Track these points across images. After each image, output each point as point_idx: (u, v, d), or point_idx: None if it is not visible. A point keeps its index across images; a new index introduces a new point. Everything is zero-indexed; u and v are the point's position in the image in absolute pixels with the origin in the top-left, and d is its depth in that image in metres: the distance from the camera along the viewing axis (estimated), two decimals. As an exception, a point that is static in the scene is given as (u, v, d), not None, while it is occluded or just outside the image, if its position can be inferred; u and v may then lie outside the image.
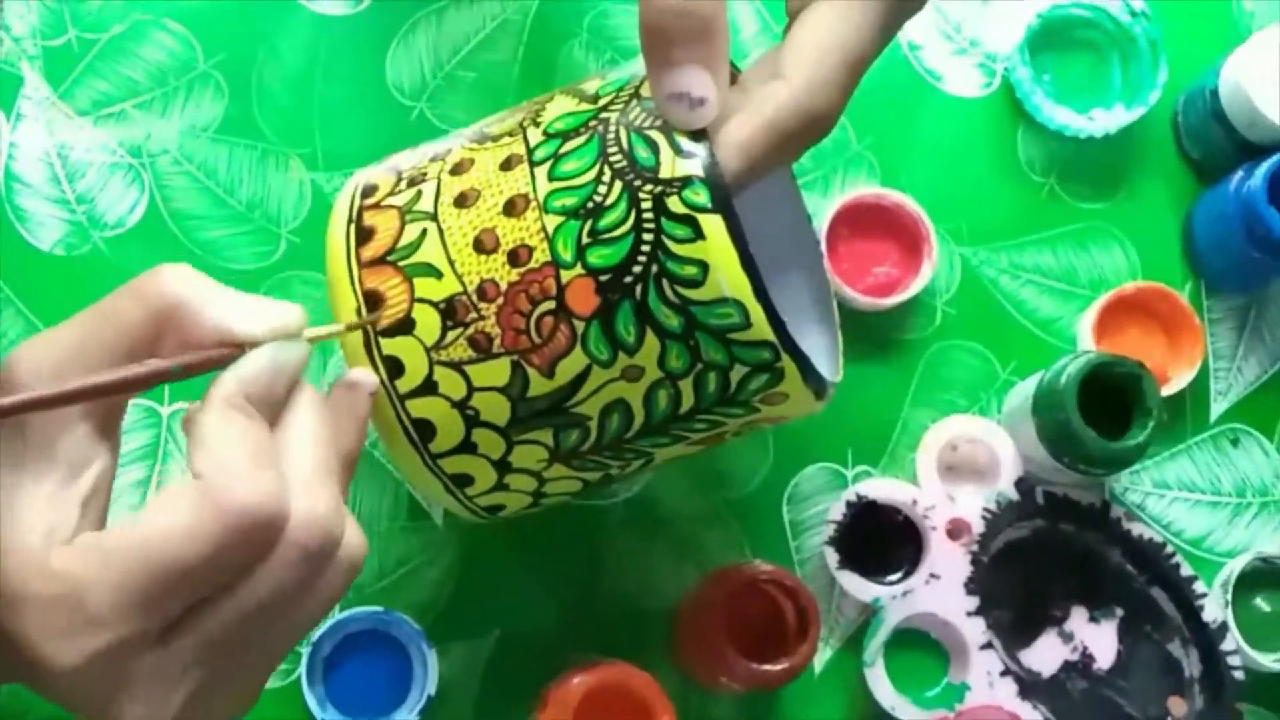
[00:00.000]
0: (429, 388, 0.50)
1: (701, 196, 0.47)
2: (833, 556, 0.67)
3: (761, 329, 0.48)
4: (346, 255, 0.52)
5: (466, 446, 0.51)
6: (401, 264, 0.51)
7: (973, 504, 0.68)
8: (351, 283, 0.52)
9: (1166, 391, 0.69)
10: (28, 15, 0.70)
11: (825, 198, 0.71)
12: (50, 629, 0.41)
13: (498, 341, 0.50)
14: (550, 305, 0.49)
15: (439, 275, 0.50)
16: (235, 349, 0.45)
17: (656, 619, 0.67)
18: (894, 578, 0.68)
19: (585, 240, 0.48)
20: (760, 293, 0.48)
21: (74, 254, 0.68)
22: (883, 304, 0.69)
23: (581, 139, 0.50)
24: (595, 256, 0.48)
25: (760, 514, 0.69)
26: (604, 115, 0.51)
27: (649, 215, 0.48)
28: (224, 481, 0.42)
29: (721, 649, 0.61)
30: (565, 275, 0.49)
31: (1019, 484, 0.69)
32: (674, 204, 0.47)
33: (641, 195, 0.48)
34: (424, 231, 0.51)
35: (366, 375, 0.50)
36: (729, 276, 0.47)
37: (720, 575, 0.63)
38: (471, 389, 0.50)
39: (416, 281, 0.51)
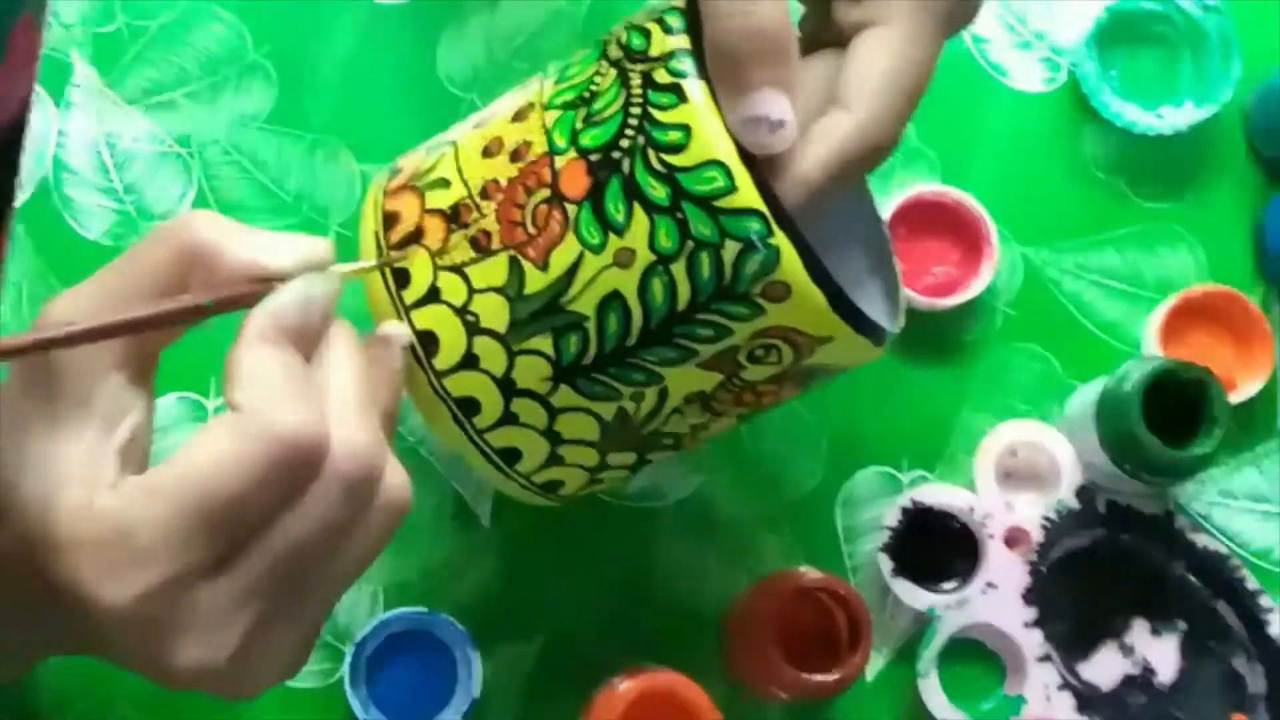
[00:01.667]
0: (432, 295, 0.51)
1: (685, 65, 0.48)
2: (887, 563, 0.65)
3: (748, 194, 0.47)
4: (376, 194, 0.54)
5: (469, 361, 0.51)
6: (418, 185, 0.52)
7: (1032, 512, 0.66)
8: (375, 208, 0.53)
9: (1234, 399, 0.67)
10: (78, 2, 0.69)
11: (884, 195, 0.69)
12: (100, 569, 0.41)
13: (496, 237, 0.50)
14: (545, 194, 0.49)
15: (447, 185, 0.51)
16: (266, 284, 0.44)
17: (706, 625, 0.66)
18: (949, 586, 0.66)
19: (579, 126, 0.49)
20: (746, 157, 0.47)
21: (121, 244, 0.67)
22: (942, 304, 0.68)
23: (588, 50, 0.52)
24: (587, 138, 0.49)
25: (813, 518, 0.67)
26: (614, 30, 0.52)
27: (637, 92, 0.48)
28: (262, 409, 0.42)
29: (771, 658, 0.60)
30: (559, 161, 0.49)
31: (1080, 492, 0.67)
32: (660, 75, 0.48)
33: (631, 75, 0.49)
34: (442, 155, 0.53)
35: (398, 328, 0.50)
36: (712, 137, 0.47)
37: (771, 582, 0.62)
38: (471, 291, 0.50)
39: (428, 195, 0.52)
